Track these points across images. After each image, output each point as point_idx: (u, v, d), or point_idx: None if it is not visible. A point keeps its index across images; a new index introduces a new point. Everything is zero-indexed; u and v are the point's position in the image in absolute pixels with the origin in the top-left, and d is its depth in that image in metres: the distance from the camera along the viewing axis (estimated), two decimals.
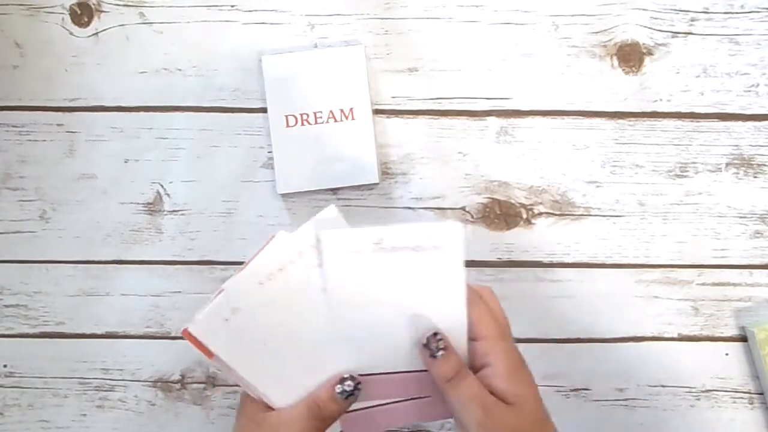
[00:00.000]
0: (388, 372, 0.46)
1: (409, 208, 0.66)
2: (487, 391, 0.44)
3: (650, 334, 0.65)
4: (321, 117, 0.64)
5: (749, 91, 0.65)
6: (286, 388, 0.46)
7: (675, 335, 0.65)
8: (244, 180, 0.66)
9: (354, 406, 0.47)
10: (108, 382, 0.67)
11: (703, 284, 0.65)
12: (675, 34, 0.65)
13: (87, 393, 0.67)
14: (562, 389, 0.66)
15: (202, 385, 0.66)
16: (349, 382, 0.45)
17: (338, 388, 0.45)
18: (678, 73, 0.65)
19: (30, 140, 0.66)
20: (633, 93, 0.65)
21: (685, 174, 0.65)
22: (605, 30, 0.65)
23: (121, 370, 0.66)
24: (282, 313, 0.45)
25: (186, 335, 0.44)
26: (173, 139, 0.66)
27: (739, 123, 0.65)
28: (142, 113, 0.66)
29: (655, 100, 0.65)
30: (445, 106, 0.66)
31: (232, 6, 0.65)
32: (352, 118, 0.64)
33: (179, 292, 0.66)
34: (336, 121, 0.64)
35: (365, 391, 0.46)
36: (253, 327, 0.45)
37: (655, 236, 0.66)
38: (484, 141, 0.66)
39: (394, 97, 0.66)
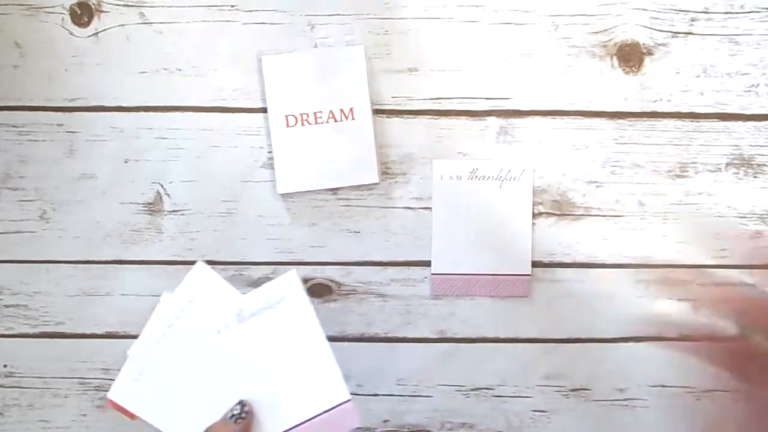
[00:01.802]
0: None
1: (409, 208, 0.66)
2: None
3: (650, 334, 0.65)
4: (321, 117, 0.64)
5: (749, 91, 0.65)
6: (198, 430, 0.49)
7: (675, 335, 0.65)
8: (244, 180, 0.66)
9: None
10: (108, 382, 0.67)
11: (703, 284, 0.65)
12: (675, 34, 0.65)
13: (87, 393, 0.67)
14: (562, 389, 0.66)
15: None
16: (236, 407, 0.49)
17: (228, 414, 0.49)
18: (678, 73, 0.65)
19: (30, 140, 0.66)
20: (633, 93, 0.65)
21: (685, 174, 0.65)
22: (605, 30, 0.65)
23: (120, 370, 0.66)
24: (180, 364, 0.51)
25: (110, 404, 0.50)
26: (173, 139, 0.66)
27: (739, 123, 0.65)
28: (142, 113, 0.66)
29: (655, 100, 0.65)
30: (445, 106, 0.66)
31: (232, 6, 0.65)
32: (352, 118, 0.64)
33: None
34: (336, 121, 0.64)
35: None
36: (160, 382, 0.50)
37: (655, 236, 0.66)
38: (484, 141, 0.66)
39: (394, 97, 0.66)
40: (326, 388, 0.50)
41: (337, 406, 0.50)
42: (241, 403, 0.49)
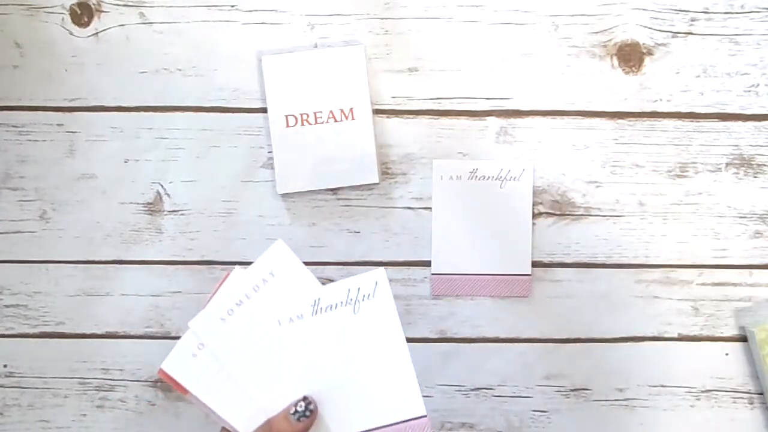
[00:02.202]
0: None
1: (409, 208, 0.66)
2: None
3: (650, 334, 0.65)
4: (321, 117, 0.64)
5: (749, 91, 0.65)
6: (252, 417, 0.47)
7: (675, 335, 0.65)
8: (244, 180, 0.66)
9: None
10: (108, 382, 0.67)
11: (703, 284, 0.66)
12: (675, 34, 0.65)
13: (87, 393, 0.67)
14: (562, 389, 0.66)
15: None
16: (301, 403, 0.46)
17: (291, 410, 0.46)
18: (678, 73, 0.65)
19: (30, 140, 0.66)
20: (633, 93, 0.65)
21: (685, 174, 0.65)
22: (605, 30, 0.65)
23: (121, 370, 0.66)
24: (244, 345, 0.47)
25: (161, 374, 0.47)
26: (173, 139, 0.66)
27: (739, 123, 0.65)
28: (142, 113, 0.66)
29: (655, 100, 0.65)
30: (445, 106, 0.66)
31: (232, 6, 0.65)
32: (352, 118, 0.64)
33: (179, 292, 0.66)
34: (336, 121, 0.64)
35: None
36: (219, 360, 0.47)
37: (655, 236, 0.66)
38: (484, 141, 0.66)
39: (394, 97, 0.66)
40: (401, 399, 0.48)
41: (410, 419, 0.48)
42: (306, 400, 0.46)
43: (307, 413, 0.46)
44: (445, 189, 0.65)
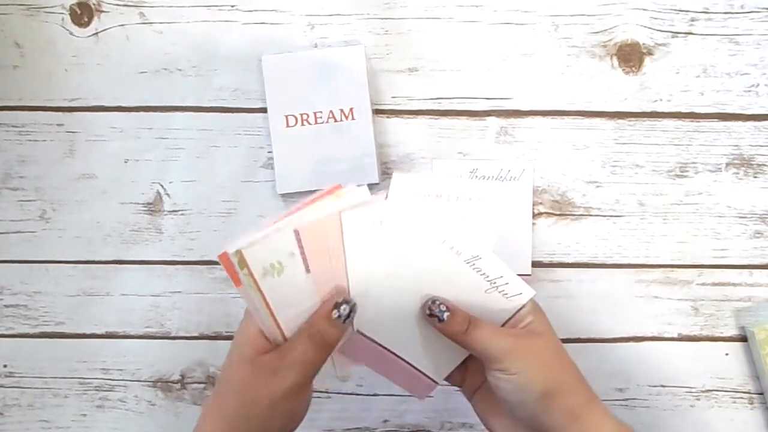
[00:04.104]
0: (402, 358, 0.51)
1: None
2: (502, 328, 0.48)
3: (650, 334, 0.65)
4: (321, 117, 0.64)
5: (749, 91, 0.65)
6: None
7: (675, 335, 0.65)
8: (244, 180, 0.66)
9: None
10: (108, 382, 0.67)
11: (703, 284, 0.65)
12: (675, 34, 0.65)
13: (87, 393, 0.67)
14: None
15: (202, 385, 0.66)
16: (344, 306, 0.46)
17: (335, 313, 0.46)
18: (678, 73, 0.65)
19: (30, 140, 0.66)
20: (633, 93, 0.65)
21: (685, 174, 0.65)
22: (605, 30, 0.65)
23: (121, 370, 0.66)
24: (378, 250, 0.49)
25: (223, 258, 0.45)
26: (173, 139, 0.66)
27: (739, 123, 0.65)
28: (142, 113, 0.66)
29: (655, 100, 0.65)
30: (445, 106, 0.66)
31: (232, 6, 0.65)
32: (352, 118, 0.64)
33: (179, 292, 0.66)
34: (336, 121, 0.64)
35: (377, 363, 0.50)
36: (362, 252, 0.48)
37: (655, 236, 0.66)
38: (484, 141, 0.66)
39: (394, 97, 0.66)
40: (442, 357, 0.50)
41: (425, 375, 0.51)
42: (348, 302, 0.47)
43: (351, 315, 0.47)
44: None
